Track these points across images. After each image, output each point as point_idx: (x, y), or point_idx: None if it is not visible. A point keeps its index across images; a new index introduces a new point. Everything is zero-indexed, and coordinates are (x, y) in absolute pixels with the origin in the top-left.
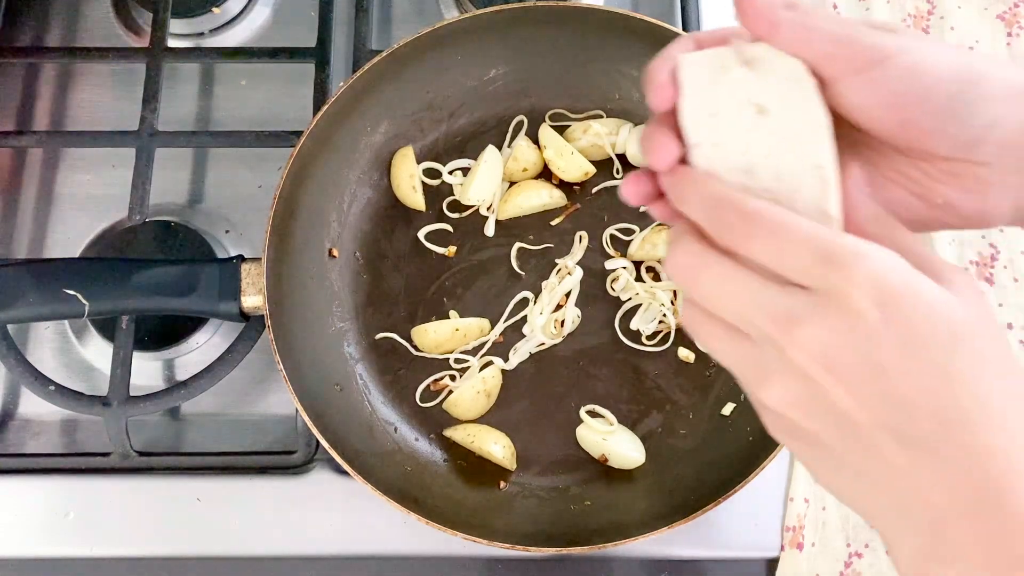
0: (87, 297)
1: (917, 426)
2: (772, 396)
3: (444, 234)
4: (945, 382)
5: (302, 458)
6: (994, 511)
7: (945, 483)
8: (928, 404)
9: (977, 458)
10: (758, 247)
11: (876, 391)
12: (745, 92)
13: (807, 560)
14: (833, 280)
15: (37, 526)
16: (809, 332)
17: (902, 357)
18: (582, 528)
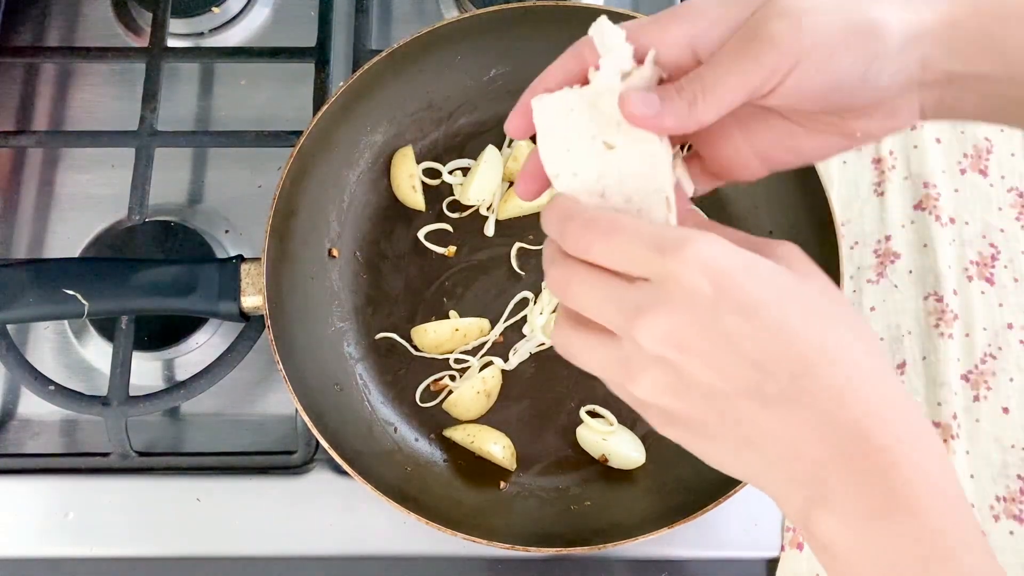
0: (87, 297)
1: (772, 384)
2: (641, 388)
3: (444, 234)
4: (784, 339)
5: (302, 458)
6: (862, 450)
7: (812, 434)
8: (776, 362)
9: (832, 403)
10: (599, 248)
11: (728, 358)
12: (590, 129)
13: (807, 560)
14: (666, 265)
15: (37, 526)
16: (654, 318)
17: (741, 322)
18: (582, 528)
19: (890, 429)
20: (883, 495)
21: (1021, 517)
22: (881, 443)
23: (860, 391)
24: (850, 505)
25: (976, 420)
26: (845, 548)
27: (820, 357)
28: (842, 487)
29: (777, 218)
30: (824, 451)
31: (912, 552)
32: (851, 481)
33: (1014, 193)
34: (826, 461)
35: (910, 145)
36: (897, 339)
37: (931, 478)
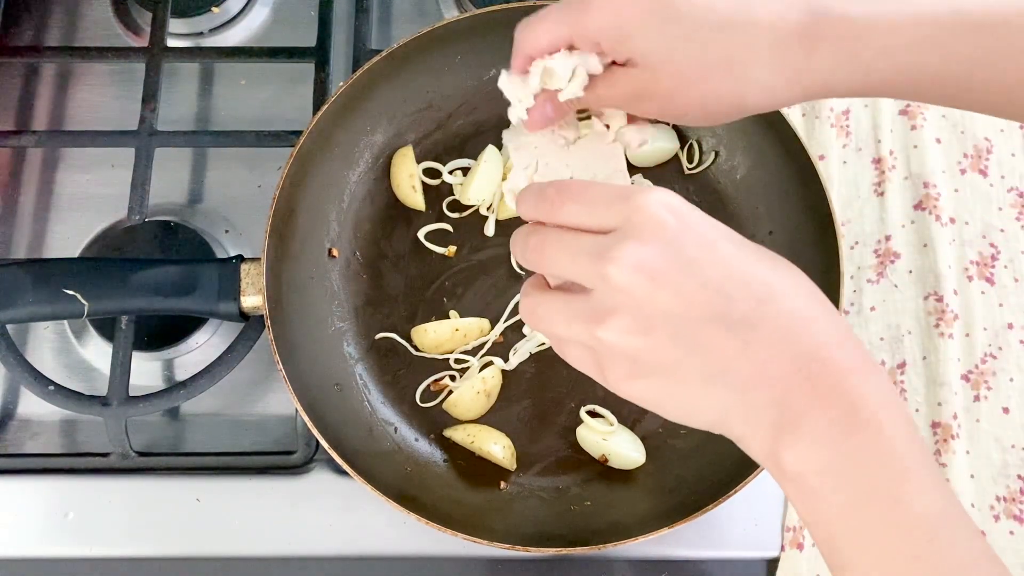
0: (86, 297)
1: (737, 308)
2: (610, 329)
3: (444, 234)
4: (745, 268)
5: (302, 458)
6: (825, 371)
7: (776, 355)
8: (739, 288)
9: (795, 327)
10: (572, 208)
11: (694, 283)
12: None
13: (807, 560)
14: (631, 207)
15: (37, 526)
16: (624, 250)
17: (705, 251)
18: (582, 528)
19: (847, 354)
20: (848, 413)
21: (1021, 517)
22: (841, 366)
23: (817, 320)
24: (818, 425)
25: (976, 420)
26: (815, 472)
27: (779, 287)
28: (809, 407)
29: (777, 218)
30: (789, 373)
31: (879, 468)
32: (817, 401)
33: (1014, 193)
34: (791, 383)
35: (910, 145)
36: (897, 339)
37: (887, 398)
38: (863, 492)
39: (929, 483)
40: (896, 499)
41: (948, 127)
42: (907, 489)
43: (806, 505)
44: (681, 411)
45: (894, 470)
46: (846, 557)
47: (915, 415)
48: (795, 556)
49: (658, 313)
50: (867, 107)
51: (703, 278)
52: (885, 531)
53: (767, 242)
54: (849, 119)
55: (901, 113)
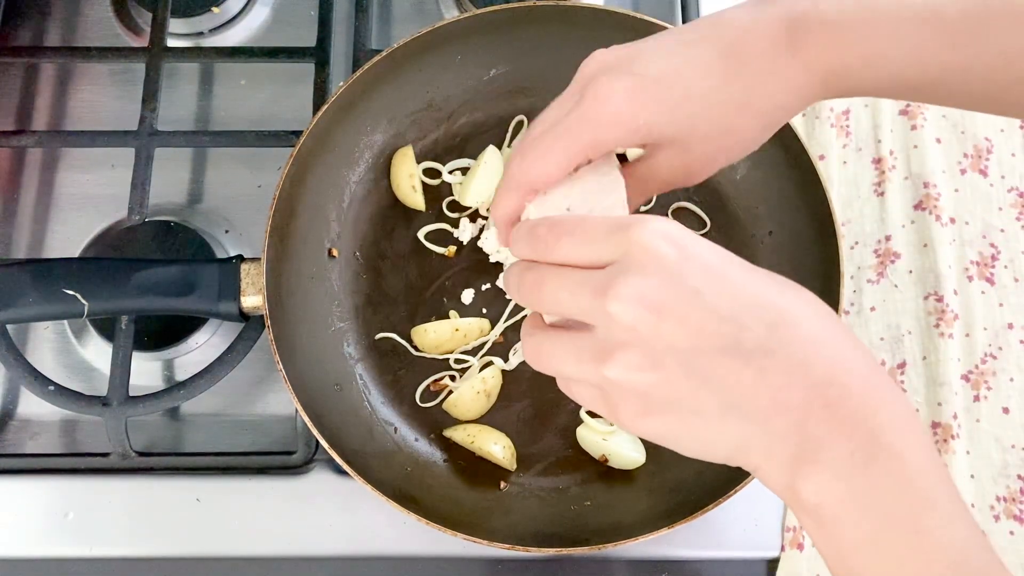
0: (86, 297)
1: (748, 336)
2: (616, 367)
3: (444, 234)
4: (753, 293)
5: (302, 458)
6: (841, 397)
7: (792, 382)
8: (750, 314)
9: (809, 352)
10: (568, 245)
11: (701, 313)
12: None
13: (807, 560)
14: (629, 239)
15: (37, 526)
16: (625, 286)
17: (709, 279)
18: (582, 528)
19: (864, 378)
20: (867, 442)
21: (1021, 517)
22: (858, 390)
23: (832, 343)
24: (837, 455)
25: (976, 420)
26: (834, 503)
27: (790, 311)
28: (827, 437)
29: (777, 218)
30: (806, 401)
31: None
32: (835, 430)
33: (1014, 193)
34: (809, 411)
35: (910, 145)
36: (897, 339)
37: (906, 423)
38: (884, 523)
39: (952, 512)
40: (918, 530)
41: (948, 127)
42: (930, 519)
43: (826, 538)
44: (697, 445)
45: (916, 500)
46: None
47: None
48: (795, 556)
49: (666, 347)
50: (867, 107)
51: (710, 308)
52: (908, 563)
53: (767, 242)
54: (849, 119)
55: (901, 113)
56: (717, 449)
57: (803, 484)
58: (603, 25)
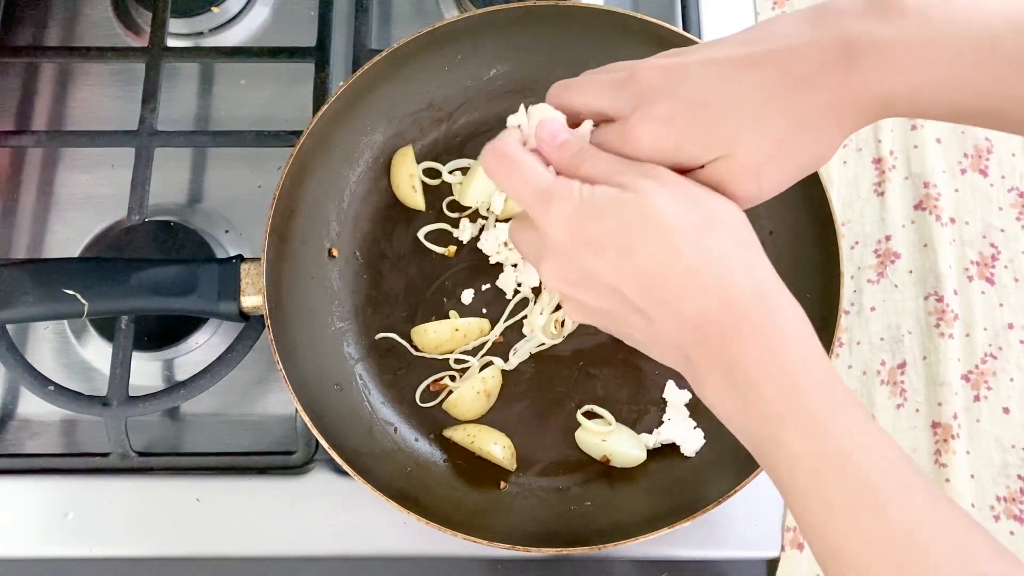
0: (86, 297)
1: (659, 289)
2: (544, 271)
3: (444, 234)
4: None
5: (302, 458)
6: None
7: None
8: (661, 266)
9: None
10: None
11: (618, 253)
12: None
13: (807, 560)
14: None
15: (36, 526)
16: (558, 207)
17: (633, 219)
18: (582, 528)
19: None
20: (729, 374)
21: (1021, 517)
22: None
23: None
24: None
25: (976, 420)
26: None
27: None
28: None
29: (777, 218)
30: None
31: (757, 420)
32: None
33: (1014, 193)
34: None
35: (910, 145)
36: (897, 339)
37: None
38: (748, 441)
39: (806, 426)
40: (779, 443)
41: (948, 127)
42: (783, 432)
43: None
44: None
45: (770, 419)
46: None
47: (915, 415)
48: (795, 556)
49: (584, 269)
50: None
51: (628, 250)
52: (778, 474)
53: (767, 242)
54: None
55: None
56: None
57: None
58: (603, 25)
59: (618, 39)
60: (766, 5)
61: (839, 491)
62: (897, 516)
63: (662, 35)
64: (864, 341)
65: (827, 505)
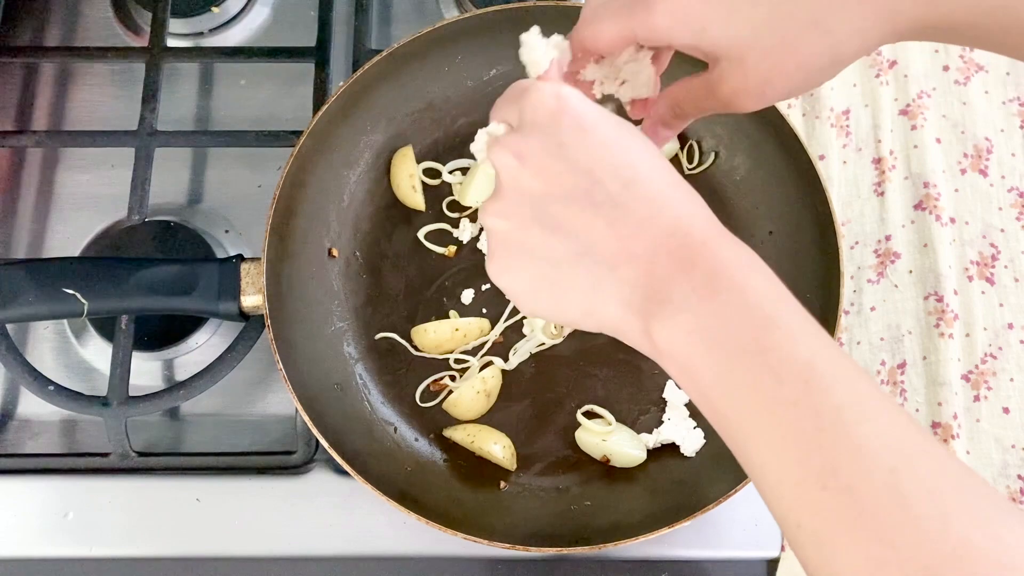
0: (86, 296)
1: (602, 190)
2: (487, 212)
3: (444, 234)
4: (616, 153)
5: (302, 458)
6: (683, 243)
7: (638, 232)
8: (607, 171)
9: (656, 206)
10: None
11: (561, 166)
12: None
13: None
14: (525, 99)
15: (36, 526)
16: (506, 139)
17: (579, 135)
18: (582, 528)
19: (705, 228)
20: (708, 278)
21: None
22: (699, 238)
23: (676, 199)
24: (680, 294)
25: (976, 420)
26: (684, 342)
27: (644, 170)
28: (671, 280)
29: (777, 218)
30: (651, 248)
31: (742, 323)
32: (678, 273)
33: (1014, 193)
34: (654, 257)
35: (910, 145)
36: (897, 339)
37: (747, 262)
38: (731, 349)
39: (796, 328)
40: (764, 348)
41: (948, 127)
42: (774, 337)
43: (686, 380)
44: (552, 299)
45: (758, 323)
46: (730, 422)
47: (915, 415)
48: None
49: (524, 194)
50: (867, 107)
51: (570, 159)
52: (758, 382)
53: (767, 242)
54: (849, 119)
55: (901, 113)
56: (571, 302)
57: (656, 328)
58: None
59: None
60: None
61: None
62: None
63: None
64: (864, 341)
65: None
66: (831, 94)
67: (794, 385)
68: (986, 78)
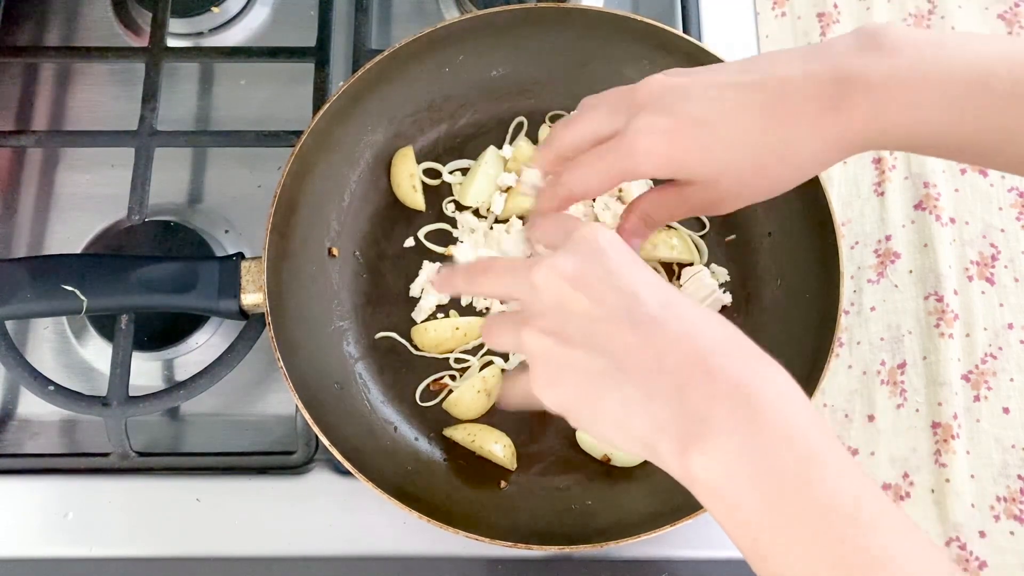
0: (85, 293)
1: (643, 307)
2: (530, 331)
3: (444, 234)
4: (655, 283)
5: (302, 458)
6: (718, 367)
7: (673, 348)
8: (647, 292)
9: (693, 327)
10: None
11: (606, 289)
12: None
13: None
14: (575, 228)
15: (36, 526)
16: (552, 260)
17: (622, 266)
18: (583, 527)
19: (740, 352)
20: (746, 404)
21: (1021, 517)
22: (736, 356)
23: (711, 322)
24: (718, 421)
25: (977, 420)
26: (724, 473)
27: (683, 300)
28: (708, 403)
29: (777, 218)
30: (686, 364)
31: (784, 454)
32: (714, 394)
33: (1014, 193)
34: (690, 376)
35: None
36: (897, 339)
37: (783, 388)
38: (775, 482)
39: (839, 466)
40: (809, 483)
41: None
42: (820, 472)
43: (722, 509)
44: (591, 414)
45: (801, 454)
46: (771, 557)
47: (915, 415)
48: None
49: (569, 313)
50: None
51: (615, 285)
52: (804, 518)
53: (767, 242)
54: None
55: None
56: (607, 417)
57: (692, 456)
58: (603, 26)
59: (617, 40)
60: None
61: (892, 527)
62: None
63: (662, 36)
64: (864, 341)
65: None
66: None
67: (840, 521)
68: None
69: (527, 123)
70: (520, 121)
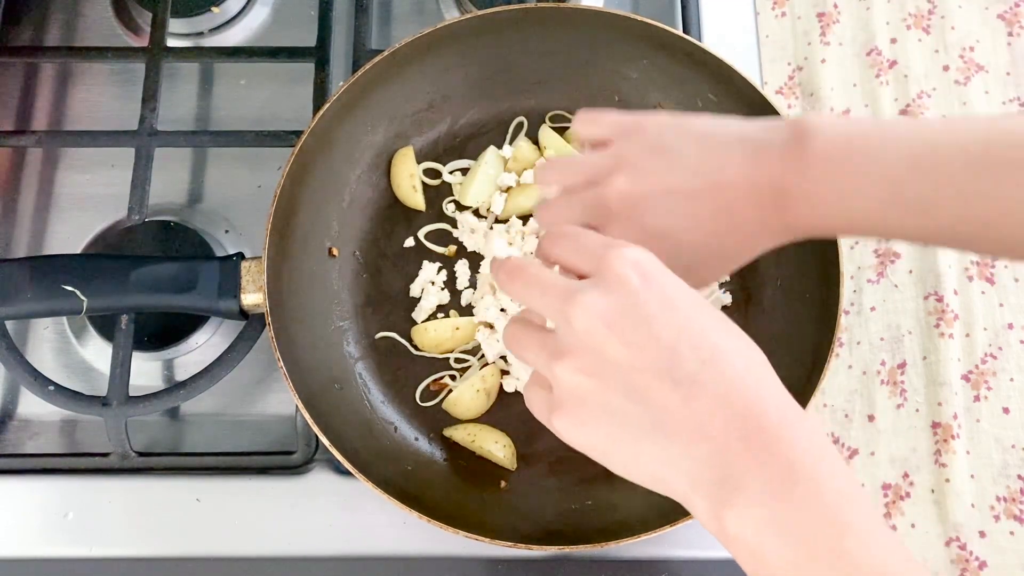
0: (85, 293)
1: (683, 366)
2: (566, 366)
3: (444, 234)
4: (696, 331)
5: (302, 458)
6: (757, 429)
7: (714, 412)
8: (688, 346)
9: (733, 388)
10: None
11: (645, 338)
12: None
13: None
14: (606, 258)
15: (36, 526)
16: (589, 298)
17: (661, 310)
18: (583, 526)
19: (779, 414)
20: (782, 469)
21: (1021, 517)
22: (773, 424)
23: (753, 383)
24: (755, 485)
25: (977, 420)
26: (756, 533)
27: (722, 349)
28: (745, 466)
29: None
30: (725, 430)
31: (819, 523)
32: (752, 459)
33: None
34: (727, 440)
35: None
36: (897, 339)
37: (822, 452)
38: (805, 549)
39: (873, 533)
40: (839, 553)
41: None
42: (850, 541)
43: (753, 565)
44: (624, 459)
45: (835, 523)
46: None
47: (915, 415)
48: None
49: (610, 360)
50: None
51: (654, 336)
52: None
53: None
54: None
55: (901, 113)
56: (642, 467)
57: (727, 516)
58: (603, 27)
59: (617, 41)
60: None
61: None
62: None
63: (662, 36)
64: (864, 341)
65: None
66: (831, 94)
67: None
68: (986, 78)
69: (527, 123)
70: (520, 121)
